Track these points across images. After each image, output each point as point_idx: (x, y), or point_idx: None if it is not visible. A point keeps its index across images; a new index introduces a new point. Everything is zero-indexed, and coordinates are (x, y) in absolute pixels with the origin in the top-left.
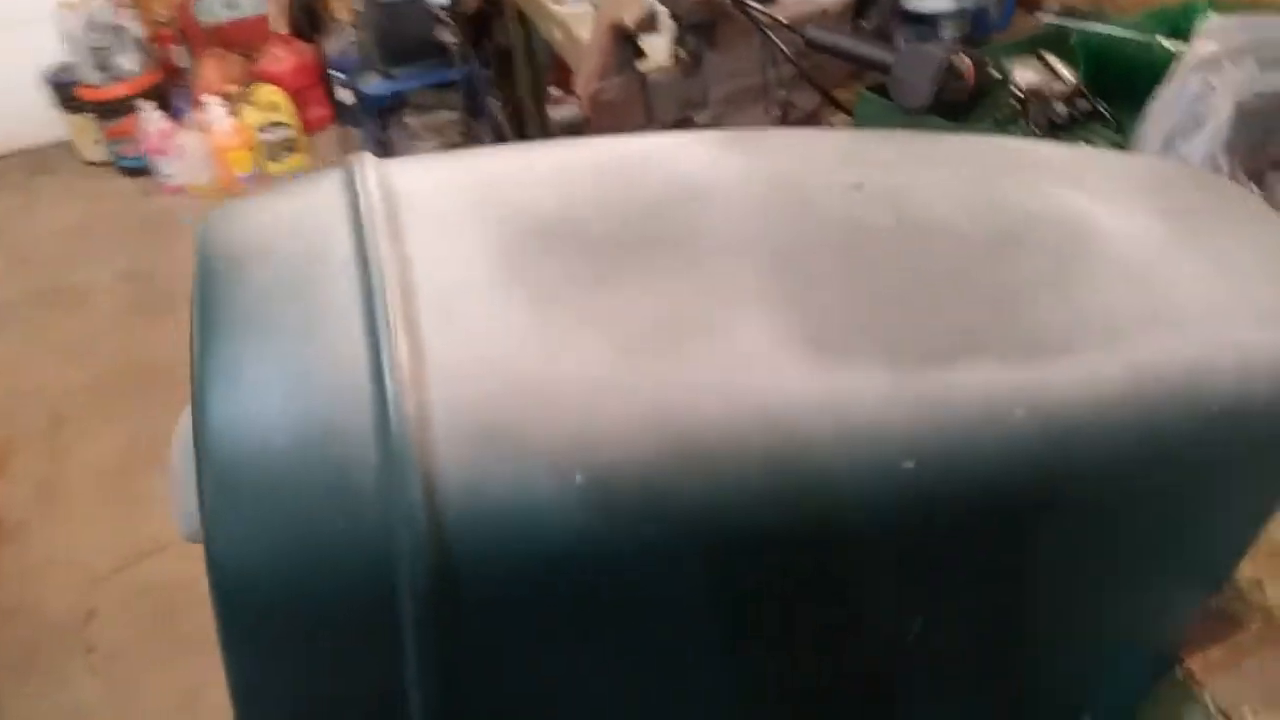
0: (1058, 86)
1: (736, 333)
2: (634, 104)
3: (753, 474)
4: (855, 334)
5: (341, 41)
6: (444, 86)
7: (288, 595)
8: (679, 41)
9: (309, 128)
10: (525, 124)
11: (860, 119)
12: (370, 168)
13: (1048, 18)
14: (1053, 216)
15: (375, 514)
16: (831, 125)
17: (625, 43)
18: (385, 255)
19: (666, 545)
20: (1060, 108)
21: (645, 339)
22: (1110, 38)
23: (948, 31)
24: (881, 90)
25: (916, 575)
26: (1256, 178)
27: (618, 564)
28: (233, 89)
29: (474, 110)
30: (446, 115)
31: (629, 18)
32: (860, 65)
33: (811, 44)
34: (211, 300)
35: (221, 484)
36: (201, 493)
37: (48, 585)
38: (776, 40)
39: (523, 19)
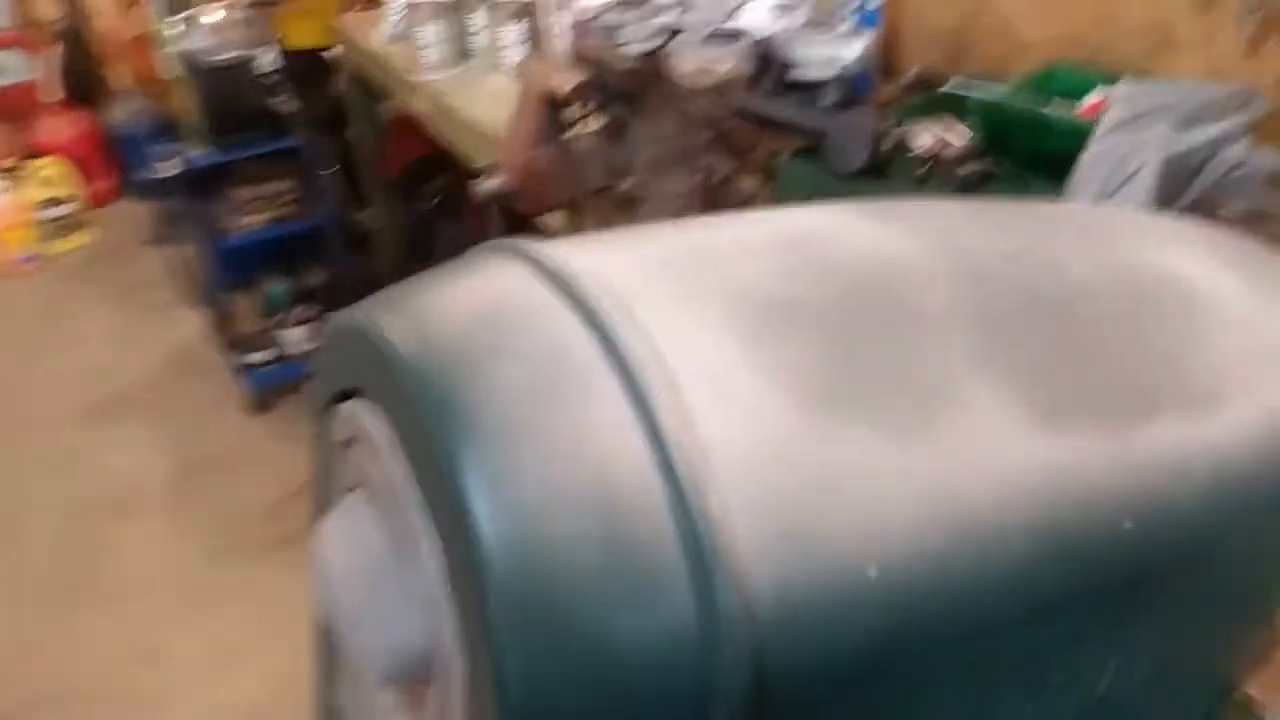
0: (950, 150)
1: (977, 406)
2: (563, 172)
3: (1019, 547)
4: (1070, 400)
5: (126, 109)
6: (273, 156)
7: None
8: (604, 110)
9: (93, 202)
10: (361, 190)
11: (787, 182)
12: (553, 252)
13: (951, 86)
14: (1161, 274)
15: (690, 626)
16: (746, 189)
17: (554, 112)
18: (638, 350)
19: (948, 624)
20: (967, 169)
21: (905, 420)
22: (1001, 103)
23: (829, 97)
24: (805, 154)
25: (1120, 627)
26: None
27: (908, 648)
28: (6, 163)
29: (307, 179)
30: (277, 185)
31: (561, 88)
32: (793, 132)
33: (745, 114)
34: (458, 407)
35: (516, 608)
36: (481, 619)
37: None
38: (699, 109)
39: (361, 86)
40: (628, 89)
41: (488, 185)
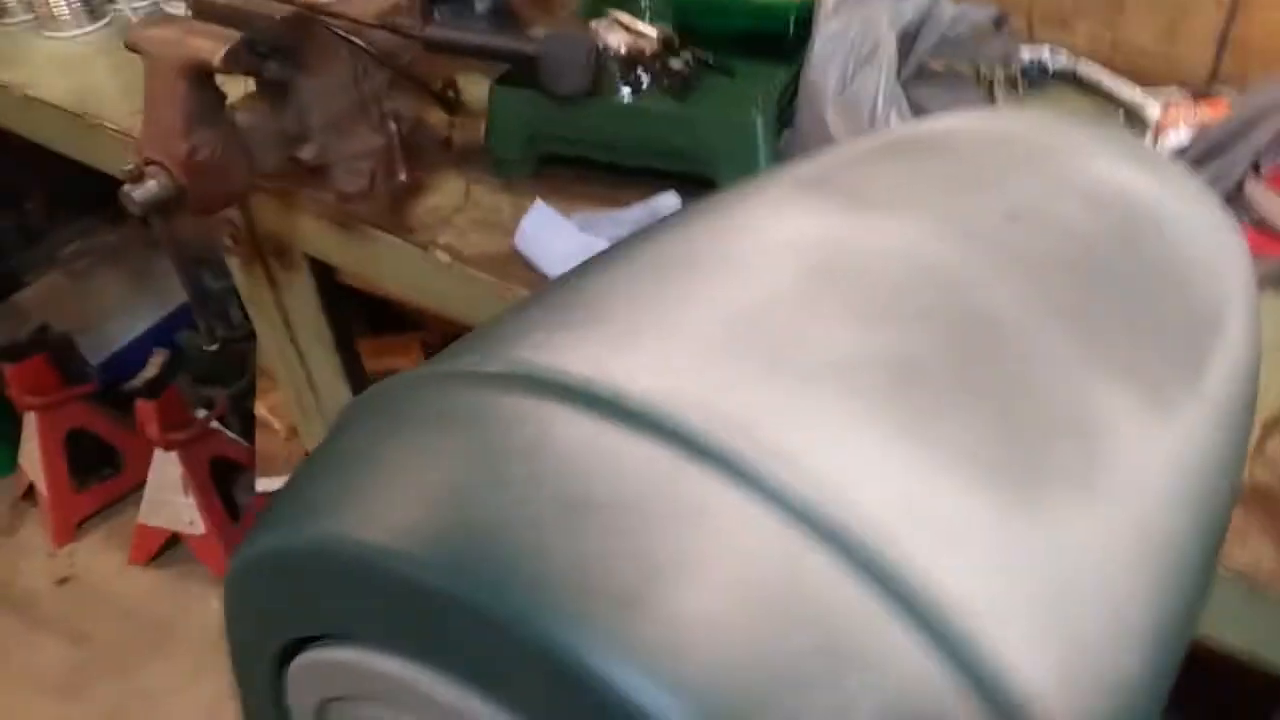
0: (645, 44)
1: (1111, 415)
2: (234, 156)
3: (1193, 556)
4: (1157, 366)
5: None
6: None
7: None
8: (254, 70)
9: None
10: None
11: (502, 114)
12: (589, 371)
13: None
14: (1115, 193)
15: None
16: (440, 130)
17: (203, 87)
18: (798, 487)
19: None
20: (677, 63)
21: (1082, 470)
22: None
23: (482, 4)
24: (513, 81)
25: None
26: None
27: None
28: None
29: None
30: None
31: (214, 56)
32: (494, 59)
33: (433, 45)
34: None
35: None
36: None
37: None
38: (364, 46)
39: None
40: (282, 40)
41: (144, 193)
